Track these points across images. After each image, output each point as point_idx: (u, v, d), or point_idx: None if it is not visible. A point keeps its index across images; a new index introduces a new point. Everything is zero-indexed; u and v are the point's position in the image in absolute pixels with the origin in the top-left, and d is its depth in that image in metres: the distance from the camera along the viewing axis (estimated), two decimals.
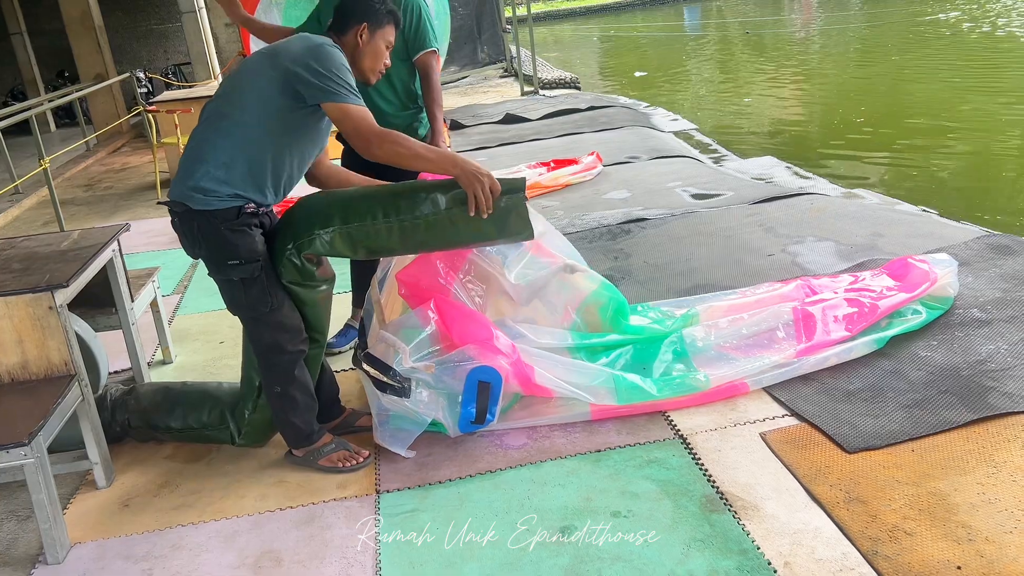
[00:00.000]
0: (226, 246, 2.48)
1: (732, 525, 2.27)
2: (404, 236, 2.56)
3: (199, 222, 2.48)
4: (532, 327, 2.94)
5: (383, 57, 2.71)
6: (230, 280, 2.53)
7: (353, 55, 2.63)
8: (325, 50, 2.46)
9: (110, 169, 8.88)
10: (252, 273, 2.50)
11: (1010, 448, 2.45)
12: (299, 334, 2.62)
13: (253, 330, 2.62)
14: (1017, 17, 14.72)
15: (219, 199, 2.45)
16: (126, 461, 2.92)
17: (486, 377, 2.68)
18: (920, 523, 2.19)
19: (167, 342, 3.75)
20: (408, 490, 2.59)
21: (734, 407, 2.84)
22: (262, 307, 2.54)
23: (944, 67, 11.97)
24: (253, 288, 2.52)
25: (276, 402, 2.69)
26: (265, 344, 2.61)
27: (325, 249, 2.54)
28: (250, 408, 2.80)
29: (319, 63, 2.42)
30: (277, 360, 2.62)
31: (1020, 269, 3.63)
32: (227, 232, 2.47)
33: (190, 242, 2.56)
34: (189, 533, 2.50)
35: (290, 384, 2.65)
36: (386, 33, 2.70)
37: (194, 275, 4.94)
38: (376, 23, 2.65)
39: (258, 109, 2.45)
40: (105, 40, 10.80)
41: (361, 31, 2.63)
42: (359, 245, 2.57)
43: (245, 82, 2.51)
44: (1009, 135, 8.16)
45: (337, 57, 2.46)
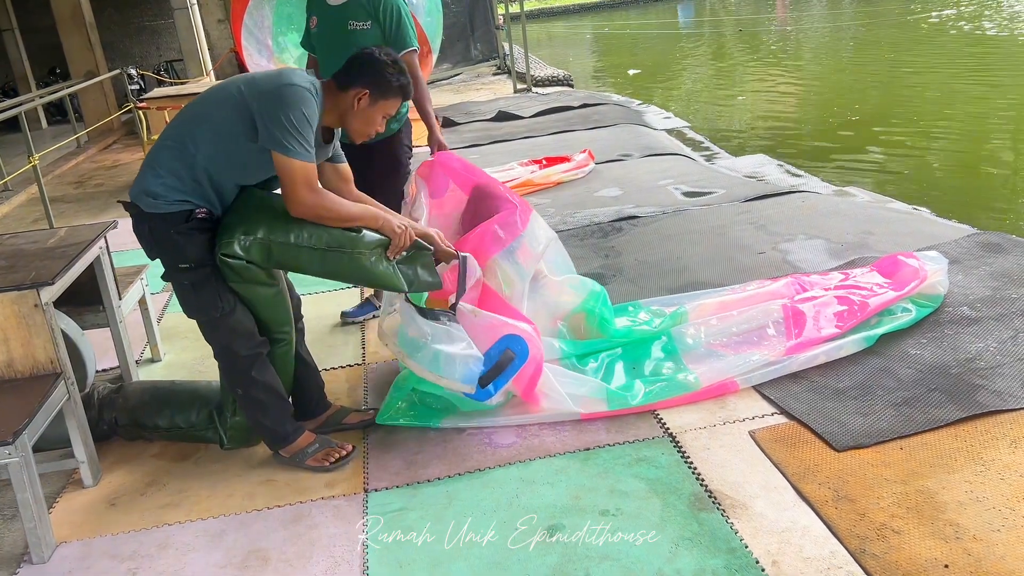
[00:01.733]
0: (176, 250, 2.51)
1: (720, 523, 2.26)
2: (322, 262, 2.56)
3: (150, 224, 2.52)
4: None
5: (375, 125, 2.61)
6: (181, 284, 2.55)
7: (345, 114, 2.57)
8: (290, 97, 2.39)
9: (101, 166, 8.84)
10: (201, 278, 2.52)
11: (998, 446, 2.45)
12: (252, 338, 2.62)
13: (207, 334, 2.64)
14: (1008, 15, 14.77)
15: (167, 203, 2.47)
16: (113, 460, 2.90)
17: (516, 348, 2.69)
18: (908, 521, 2.19)
19: (155, 340, 3.74)
20: (397, 489, 2.58)
21: (723, 405, 2.84)
22: (212, 311, 2.55)
23: (936, 65, 11.99)
24: (203, 292, 2.53)
25: (242, 404, 2.71)
26: (220, 347, 2.63)
27: (242, 253, 2.51)
28: (230, 411, 2.80)
29: (279, 110, 2.37)
30: (233, 363, 2.63)
31: (1010, 267, 3.64)
32: (176, 236, 2.49)
33: (145, 244, 2.60)
34: (176, 532, 2.49)
35: (250, 386, 2.65)
36: (387, 106, 2.60)
37: None
38: (380, 94, 2.56)
39: (220, 131, 2.45)
40: (96, 37, 10.75)
41: (361, 96, 2.54)
42: (273, 259, 2.55)
43: (216, 102, 2.50)
44: (1000, 133, 8.18)
45: (299, 107, 2.38)
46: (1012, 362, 2.87)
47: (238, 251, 2.51)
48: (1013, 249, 3.84)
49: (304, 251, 2.53)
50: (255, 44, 7.89)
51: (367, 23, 3.41)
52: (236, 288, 2.57)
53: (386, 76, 2.57)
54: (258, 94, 2.43)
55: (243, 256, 2.52)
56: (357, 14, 3.42)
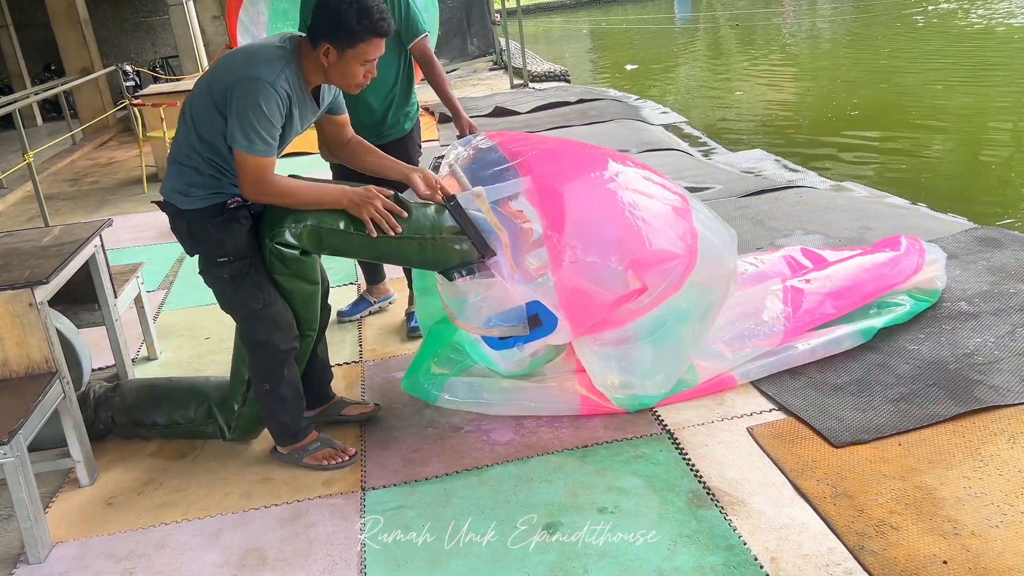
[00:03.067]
0: (214, 244, 2.49)
1: (719, 520, 2.26)
2: (370, 247, 2.57)
3: (187, 220, 2.50)
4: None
5: (357, 76, 2.42)
6: (220, 278, 2.52)
7: (325, 71, 2.42)
8: (247, 90, 2.31)
9: (96, 163, 8.81)
10: (241, 270, 2.49)
11: (996, 442, 2.45)
12: (291, 331, 2.60)
13: (245, 327, 2.59)
14: (1008, 9, 14.76)
15: (199, 199, 2.46)
16: (109, 459, 2.89)
17: (544, 317, 2.67)
18: (906, 517, 2.18)
19: (152, 338, 3.72)
20: (394, 487, 2.57)
21: (721, 402, 2.83)
22: (254, 303, 2.52)
23: (934, 59, 11.98)
24: (243, 284, 2.50)
25: (264, 399, 2.68)
26: (257, 341, 2.58)
27: (294, 241, 2.51)
28: (239, 402, 2.78)
29: (237, 102, 2.32)
30: (268, 357, 2.60)
31: (1007, 262, 3.64)
32: (213, 230, 2.47)
33: (183, 240, 2.58)
34: (173, 531, 2.48)
35: (279, 382, 2.63)
36: (361, 53, 2.37)
37: (180, 271, 4.90)
38: (345, 43, 2.35)
39: (211, 121, 2.41)
40: (91, 33, 10.70)
41: (326, 51, 2.37)
42: (324, 245, 2.54)
43: (203, 91, 2.45)
44: (998, 128, 8.18)
45: (256, 102, 2.30)
46: (1010, 357, 2.86)
47: (290, 239, 2.50)
48: (1011, 244, 3.84)
49: (353, 237, 2.53)
50: (251, 40, 7.85)
51: None
52: (281, 281, 2.56)
53: (347, 23, 2.32)
54: (222, 88, 2.36)
55: (296, 244, 2.51)
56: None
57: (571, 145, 3.07)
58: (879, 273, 3.25)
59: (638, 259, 2.65)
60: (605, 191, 2.74)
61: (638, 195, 2.76)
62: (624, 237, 2.67)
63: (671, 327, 2.77)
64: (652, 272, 2.65)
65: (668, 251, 2.68)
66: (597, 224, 2.69)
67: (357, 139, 2.75)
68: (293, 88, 2.39)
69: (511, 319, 2.70)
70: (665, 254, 2.67)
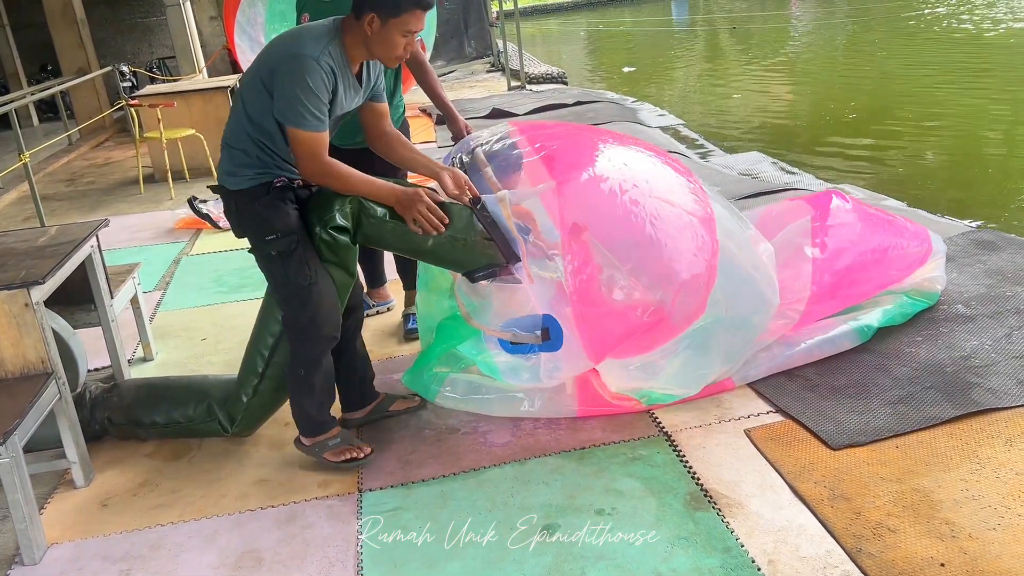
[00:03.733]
0: (262, 222, 2.53)
1: (716, 523, 2.25)
2: (404, 240, 2.64)
3: (236, 201, 2.56)
4: None
5: (398, 47, 2.47)
6: (269, 255, 2.55)
7: (368, 44, 2.48)
8: (293, 68, 2.37)
9: (92, 164, 8.79)
10: (289, 246, 2.52)
11: (993, 444, 2.45)
12: (336, 315, 2.61)
13: (290, 309, 2.60)
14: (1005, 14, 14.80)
15: (247, 178, 2.52)
16: (105, 460, 2.88)
17: (553, 332, 2.70)
18: (904, 520, 2.18)
19: (148, 339, 3.71)
20: (391, 488, 2.57)
21: (719, 404, 2.83)
22: (302, 280, 2.53)
23: (930, 63, 12.01)
24: (291, 261, 2.53)
25: (295, 386, 2.68)
26: (301, 324, 2.59)
27: (344, 223, 2.58)
28: (249, 393, 2.77)
29: (285, 82, 2.38)
30: (311, 341, 2.60)
31: (1004, 265, 3.64)
32: (260, 208, 2.53)
33: (233, 221, 2.63)
34: (169, 533, 2.47)
35: (315, 370, 2.63)
36: (404, 22, 2.43)
37: (176, 271, 4.89)
38: (390, 12, 2.41)
39: (260, 102, 2.46)
40: (87, 34, 10.69)
41: (371, 20, 2.42)
42: (362, 230, 2.62)
43: (252, 73, 2.52)
44: (994, 131, 8.19)
45: (303, 78, 2.36)
46: (1007, 360, 2.87)
47: (341, 222, 2.57)
48: (1007, 247, 3.84)
49: (390, 226, 2.59)
50: (248, 41, 7.84)
51: None
52: (334, 270, 2.60)
53: None
54: (269, 68, 2.44)
55: (346, 226, 2.58)
56: (351, 7, 3.38)
57: (596, 137, 3.05)
58: (887, 256, 3.26)
59: (658, 282, 2.68)
60: (628, 201, 2.72)
61: (662, 203, 2.76)
62: (645, 257, 2.69)
63: (701, 340, 2.78)
64: (672, 296, 2.69)
65: (688, 276, 2.70)
66: (618, 243, 2.69)
67: (395, 132, 2.79)
68: (336, 63, 2.44)
69: (526, 326, 2.72)
70: (685, 281, 2.70)
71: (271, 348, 2.72)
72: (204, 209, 5.74)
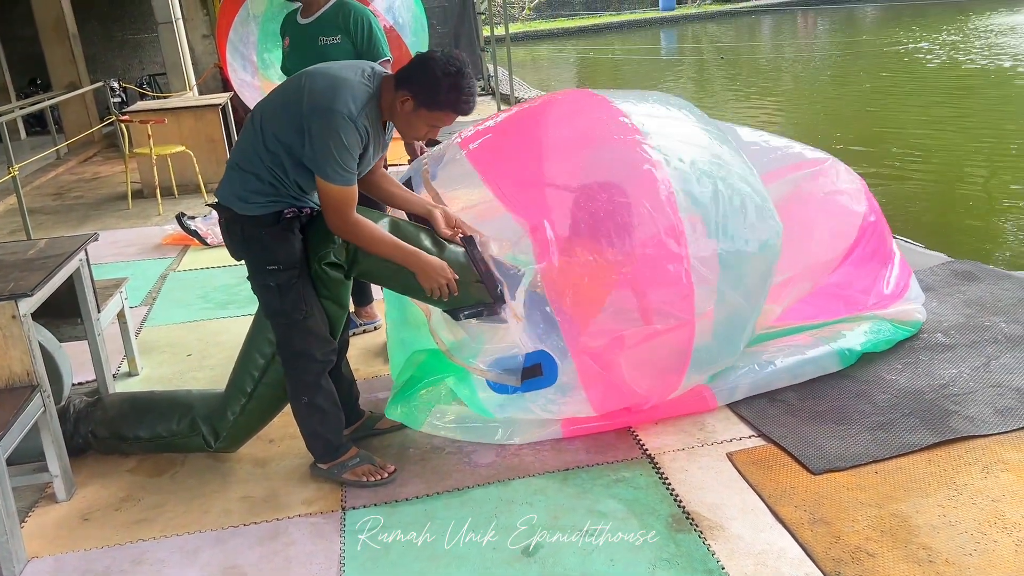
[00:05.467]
0: (266, 252, 2.52)
1: (698, 545, 2.27)
2: (398, 278, 2.63)
3: (243, 226, 2.53)
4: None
5: (420, 131, 2.50)
6: (267, 285, 2.55)
7: (391, 112, 2.48)
8: (331, 123, 2.35)
9: (81, 178, 8.78)
10: (289, 280, 2.52)
11: (970, 471, 2.49)
12: (329, 343, 2.63)
13: (285, 337, 2.61)
14: (983, 49, 15.08)
15: (259, 205, 2.49)
16: (87, 474, 2.87)
17: (547, 367, 2.70)
18: (882, 544, 2.21)
19: (133, 354, 3.71)
20: (374, 507, 2.57)
21: (702, 427, 2.86)
22: (296, 314, 2.55)
23: (912, 96, 12.21)
24: (289, 294, 2.53)
25: (304, 413, 2.68)
26: (295, 351, 2.60)
27: (337, 259, 2.58)
28: (236, 411, 2.77)
29: (319, 132, 2.36)
30: (306, 368, 2.61)
31: (982, 295, 3.71)
32: (268, 238, 2.51)
33: (233, 244, 2.60)
34: (150, 548, 2.46)
35: (317, 394, 2.64)
36: (435, 118, 2.45)
37: (163, 287, 4.89)
38: (426, 104, 2.41)
39: (286, 137, 2.43)
40: (79, 48, 10.70)
41: (404, 100, 2.42)
42: (358, 264, 2.62)
43: (280, 105, 2.48)
44: (973, 163, 8.33)
45: (338, 135, 2.35)
46: (984, 388, 2.91)
47: (336, 259, 2.58)
48: (986, 277, 3.91)
49: (386, 264, 2.58)
50: (240, 60, 7.88)
51: (337, 37, 3.42)
52: (328, 304, 2.61)
53: (436, 86, 2.39)
54: (308, 112, 2.39)
55: (340, 263, 2.59)
56: (327, 29, 3.43)
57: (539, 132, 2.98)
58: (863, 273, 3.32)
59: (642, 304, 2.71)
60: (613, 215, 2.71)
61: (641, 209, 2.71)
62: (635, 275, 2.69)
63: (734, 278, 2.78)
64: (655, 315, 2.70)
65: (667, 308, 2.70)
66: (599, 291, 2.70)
67: (383, 171, 2.81)
68: (372, 123, 2.45)
69: (506, 366, 2.72)
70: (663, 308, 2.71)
71: (262, 369, 2.72)
72: (192, 225, 5.74)
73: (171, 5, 9.55)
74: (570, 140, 2.89)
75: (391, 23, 8.02)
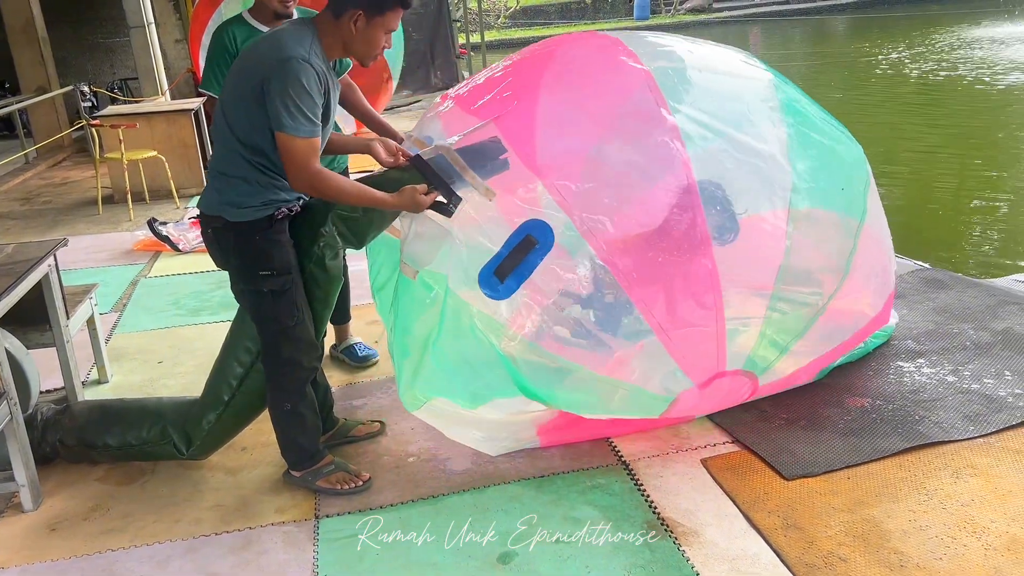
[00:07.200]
0: (261, 257, 2.48)
1: (672, 551, 2.28)
2: (380, 220, 2.64)
3: (235, 233, 2.48)
4: None
5: (379, 45, 2.46)
6: (259, 291, 2.51)
7: (347, 42, 2.43)
8: (285, 72, 2.30)
9: (50, 183, 8.65)
10: (283, 286, 2.50)
11: (940, 476, 2.52)
12: (316, 350, 2.62)
13: (273, 343, 2.57)
14: (950, 61, 15.35)
15: (254, 209, 2.45)
16: (55, 483, 2.82)
17: (538, 234, 2.51)
18: (855, 549, 2.23)
19: (103, 361, 3.65)
20: (348, 515, 2.55)
21: (676, 433, 2.87)
22: (288, 320, 2.53)
23: (883, 106, 12.39)
24: (281, 300, 2.51)
25: (285, 420, 2.65)
26: (283, 358, 2.57)
27: (331, 243, 2.59)
28: (211, 419, 2.73)
29: (279, 85, 2.31)
30: (293, 375, 2.59)
31: (951, 303, 3.76)
32: (262, 243, 2.48)
33: (223, 253, 2.55)
34: (120, 558, 2.42)
35: (301, 401, 2.62)
36: (388, 20, 2.41)
37: (134, 293, 4.83)
38: (375, 9, 2.38)
39: (250, 118, 2.39)
40: (49, 52, 10.56)
41: (356, 18, 2.38)
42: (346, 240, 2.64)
43: (234, 94, 2.44)
44: (943, 172, 8.47)
45: (296, 80, 2.30)
46: (954, 395, 2.96)
47: (331, 245, 2.57)
48: (955, 285, 3.97)
49: (365, 220, 2.59)
50: None
51: None
52: (315, 286, 2.60)
53: None
54: (263, 74, 2.34)
55: (337, 252, 2.59)
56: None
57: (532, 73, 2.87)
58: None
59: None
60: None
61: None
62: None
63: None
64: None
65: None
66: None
67: (363, 105, 2.84)
68: (324, 63, 2.41)
69: (511, 245, 2.52)
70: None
71: (240, 377, 2.69)
72: (164, 231, 5.68)
73: (143, 9, 9.46)
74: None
75: None
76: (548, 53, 2.96)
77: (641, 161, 2.63)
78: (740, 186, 2.66)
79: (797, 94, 2.99)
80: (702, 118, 2.68)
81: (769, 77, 2.98)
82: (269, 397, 2.65)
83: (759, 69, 3.04)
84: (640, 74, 2.74)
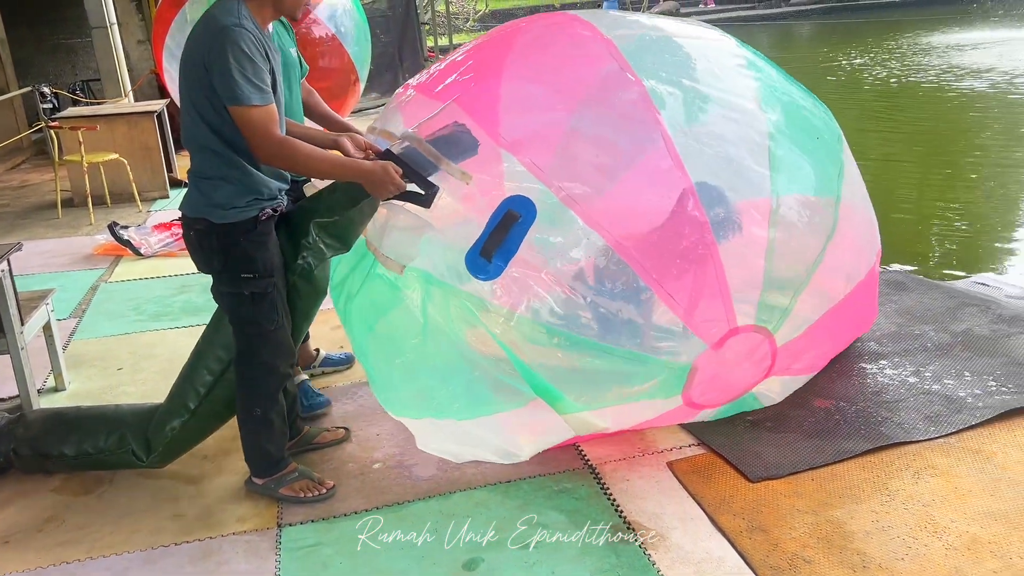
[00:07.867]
0: (245, 259, 2.44)
1: (638, 555, 2.27)
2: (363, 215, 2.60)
3: (218, 235, 2.43)
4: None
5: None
6: (240, 294, 2.46)
7: (274, 1, 2.40)
8: (220, 42, 2.25)
9: (7, 186, 8.47)
10: (266, 288, 2.46)
11: (902, 477, 2.54)
12: (292, 356, 2.60)
13: (250, 347, 2.53)
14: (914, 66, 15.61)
15: (239, 210, 2.40)
16: (8, 494, 2.75)
17: (520, 208, 2.45)
18: (818, 551, 2.24)
19: (60, 368, 3.57)
20: (311, 523, 2.52)
21: (643, 436, 2.87)
22: (267, 323, 2.48)
23: (846, 110, 12.56)
24: (263, 303, 2.47)
25: (253, 425, 2.59)
26: (260, 361, 2.53)
27: (316, 257, 2.58)
28: (175, 426, 2.67)
29: (219, 57, 2.25)
30: (266, 381, 2.55)
31: (913, 305, 3.81)
32: (248, 244, 2.43)
33: (206, 256, 2.49)
34: (76, 571, 2.37)
35: (271, 407, 2.58)
36: None
37: (94, 299, 4.74)
38: None
39: (210, 115, 2.34)
40: (7, 53, 10.36)
41: None
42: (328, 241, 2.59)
43: (185, 92, 2.39)
44: (906, 176, 8.60)
45: (235, 45, 2.25)
46: (915, 396, 2.99)
47: (315, 260, 2.56)
48: (916, 288, 4.03)
49: (347, 218, 2.55)
50: (176, 66, 7.72)
51: (292, 49, 3.34)
52: (297, 297, 2.57)
53: None
54: (202, 58, 2.29)
55: (323, 255, 2.58)
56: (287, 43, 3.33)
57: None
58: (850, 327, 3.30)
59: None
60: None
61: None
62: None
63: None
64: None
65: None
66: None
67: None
68: (256, 26, 2.35)
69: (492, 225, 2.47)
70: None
71: (208, 386, 2.64)
72: (125, 235, 5.58)
73: (105, 9, 9.30)
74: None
75: (333, 31, 7.95)
76: (509, 33, 2.99)
77: (614, 125, 2.63)
78: (716, 131, 2.65)
79: (761, 58, 3.06)
80: (669, 77, 2.70)
81: (732, 39, 3.06)
82: (239, 401, 2.60)
83: (721, 33, 3.12)
84: (602, 42, 2.75)
